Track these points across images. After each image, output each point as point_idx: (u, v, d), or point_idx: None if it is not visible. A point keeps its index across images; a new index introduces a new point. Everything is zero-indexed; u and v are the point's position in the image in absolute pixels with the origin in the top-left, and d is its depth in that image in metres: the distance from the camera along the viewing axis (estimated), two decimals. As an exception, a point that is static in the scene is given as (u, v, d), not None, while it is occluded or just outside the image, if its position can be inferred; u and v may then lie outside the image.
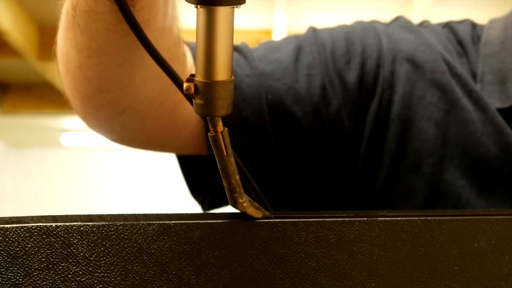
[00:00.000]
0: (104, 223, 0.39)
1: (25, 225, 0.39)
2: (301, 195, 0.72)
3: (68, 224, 0.39)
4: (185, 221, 0.40)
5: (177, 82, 0.45)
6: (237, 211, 0.42)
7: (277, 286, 0.41)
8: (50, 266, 0.38)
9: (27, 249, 0.38)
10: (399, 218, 0.43)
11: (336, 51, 0.70)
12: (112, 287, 0.39)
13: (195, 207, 0.76)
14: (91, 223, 0.39)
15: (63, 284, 0.38)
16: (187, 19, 0.57)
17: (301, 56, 0.70)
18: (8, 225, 0.38)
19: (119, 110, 0.61)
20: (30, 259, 0.38)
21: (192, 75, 0.38)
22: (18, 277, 0.38)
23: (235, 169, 0.40)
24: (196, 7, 0.37)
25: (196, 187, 0.75)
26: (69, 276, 0.39)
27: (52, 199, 5.64)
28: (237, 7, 0.37)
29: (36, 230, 0.39)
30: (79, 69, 0.56)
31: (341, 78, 0.69)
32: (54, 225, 0.39)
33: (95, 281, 0.39)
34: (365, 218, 0.43)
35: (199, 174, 0.73)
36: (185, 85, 0.38)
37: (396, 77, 0.69)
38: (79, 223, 0.39)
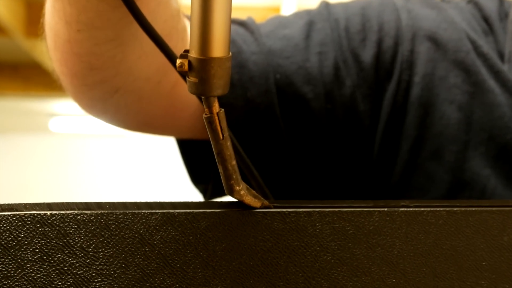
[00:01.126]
0: (103, 211, 0.39)
1: (18, 213, 0.39)
2: (310, 185, 0.72)
3: (64, 212, 0.39)
4: (191, 210, 0.40)
5: (172, 58, 0.45)
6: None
7: (290, 281, 0.41)
8: (45, 257, 0.38)
9: (19, 239, 0.38)
10: (422, 209, 0.43)
11: (351, 28, 0.70)
12: (112, 281, 0.39)
13: (200, 196, 0.76)
14: (89, 212, 0.39)
15: (58, 277, 0.38)
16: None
17: (312, 33, 0.69)
18: (-1, 213, 0.38)
19: (113, 89, 0.61)
20: (22, 249, 0.38)
21: (186, 51, 0.38)
22: (9, 269, 0.38)
23: (231, 154, 0.40)
24: None
25: (197, 174, 0.74)
26: (65, 268, 0.39)
27: (39, 189, 5.65)
28: None
29: (29, 219, 0.39)
30: (69, 43, 0.56)
31: (355, 57, 0.68)
32: (49, 213, 0.39)
33: (93, 274, 0.39)
34: (386, 209, 0.42)
35: (201, 160, 0.73)
36: (178, 61, 0.37)
37: (416, 57, 0.69)
38: (76, 212, 0.39)
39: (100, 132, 5.49)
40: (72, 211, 0.39)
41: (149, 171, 5.69)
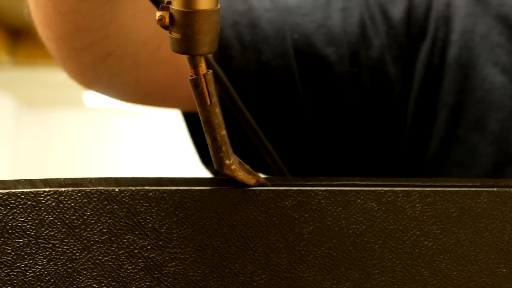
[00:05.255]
0: (176, 188, 0.40)
1: (83, 188, 0.39)
2: (333, 162, 0.71)
3: (133, 188, 0.40)
4: (274, 188, 0.40)
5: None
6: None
7: (386, 268, 0.41)
8: (113, 238, 0.39)
9: (85, 217, 0.39)
10: (538, 189, 0.42)
11: None
12: (187, 265, 0.39)
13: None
14: (161, 188, 0.40)
15: (128, 260, 0.39)
16: None
17: None
18: (63, 189, 0.39)
19: (104, 54, 0.61)
20: (89, 229, 0.39)
21: (169, 2, 0.37)
22: (75, 251, 0.39)
23: (220, 122, 0.40)
24: None
25: (207, 153, 0.73)
26: (135, 251, 0.39)
27: (73, 169, 5.75)
28: None
29: (95, 195, 0.39)
30: (51, 1, 0.56)
31: (384, 13, 0.68)
32: (117, 190, 0.39)
33: (166, 257, 0.39)
34: (495, 189, 0.42)
35: None
36: (158, 14, 0.37)
37: (453, 11, 0.68)
38: (147, 188, 0.40)
39: (140, 108, 5.53)
40: (142, 187, 0.40)
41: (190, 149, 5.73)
